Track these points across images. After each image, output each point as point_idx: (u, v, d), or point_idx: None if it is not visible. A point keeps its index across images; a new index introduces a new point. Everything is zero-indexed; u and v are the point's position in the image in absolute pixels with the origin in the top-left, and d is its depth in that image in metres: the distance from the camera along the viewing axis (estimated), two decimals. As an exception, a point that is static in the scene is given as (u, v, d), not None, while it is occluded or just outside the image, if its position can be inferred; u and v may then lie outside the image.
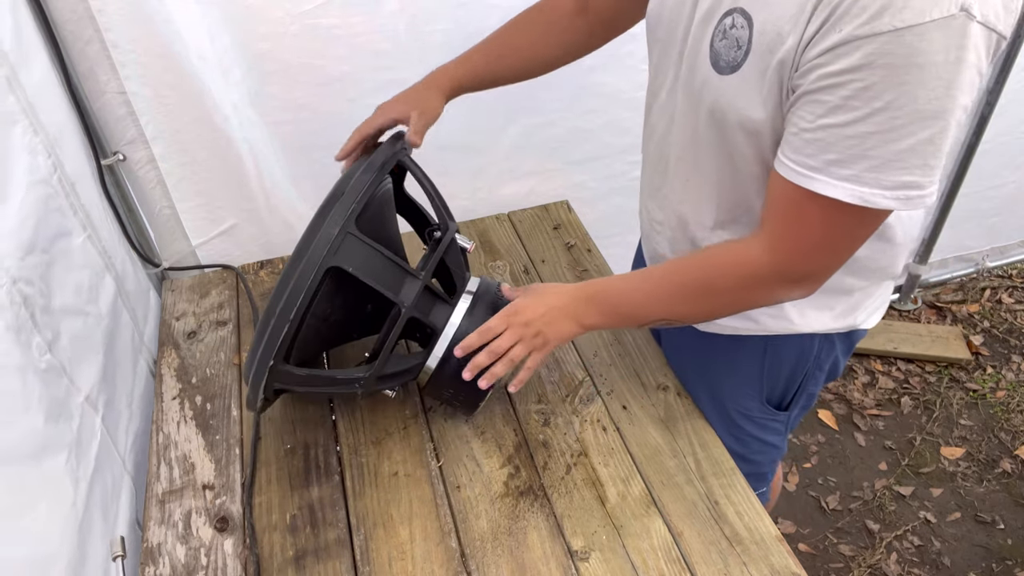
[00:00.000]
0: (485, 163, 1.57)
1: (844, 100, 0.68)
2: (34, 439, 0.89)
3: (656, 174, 1.02)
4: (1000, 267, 2.54)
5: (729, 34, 0.77)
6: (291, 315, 0.88)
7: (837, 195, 0.72)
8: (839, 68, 0.67)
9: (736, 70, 0.77)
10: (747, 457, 1.15)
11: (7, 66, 0.97)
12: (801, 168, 0.74)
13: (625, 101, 1.55)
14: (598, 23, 1.09)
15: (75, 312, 1.04)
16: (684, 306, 0.92)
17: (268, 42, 1.26)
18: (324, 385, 1.01)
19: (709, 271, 0.88)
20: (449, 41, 1.33)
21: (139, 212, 1.37)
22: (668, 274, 0.93)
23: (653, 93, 0.99)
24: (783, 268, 0.82)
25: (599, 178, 1.69)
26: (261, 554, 0.97)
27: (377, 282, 0.93)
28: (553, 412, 1.14)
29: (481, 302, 1.00)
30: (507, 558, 0.96)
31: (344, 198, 0.90)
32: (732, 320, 1.02)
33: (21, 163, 0.98)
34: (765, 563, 0.94)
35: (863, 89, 0.66)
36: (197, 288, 1.40)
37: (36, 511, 0.87)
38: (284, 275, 0.93)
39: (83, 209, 1.11)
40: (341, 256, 0.88)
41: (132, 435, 1.15)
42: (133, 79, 1.21)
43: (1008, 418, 2.14)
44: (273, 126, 1.36)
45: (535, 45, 1.11)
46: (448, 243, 1.02)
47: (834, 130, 0.70)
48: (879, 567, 1.81)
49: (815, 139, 0.71)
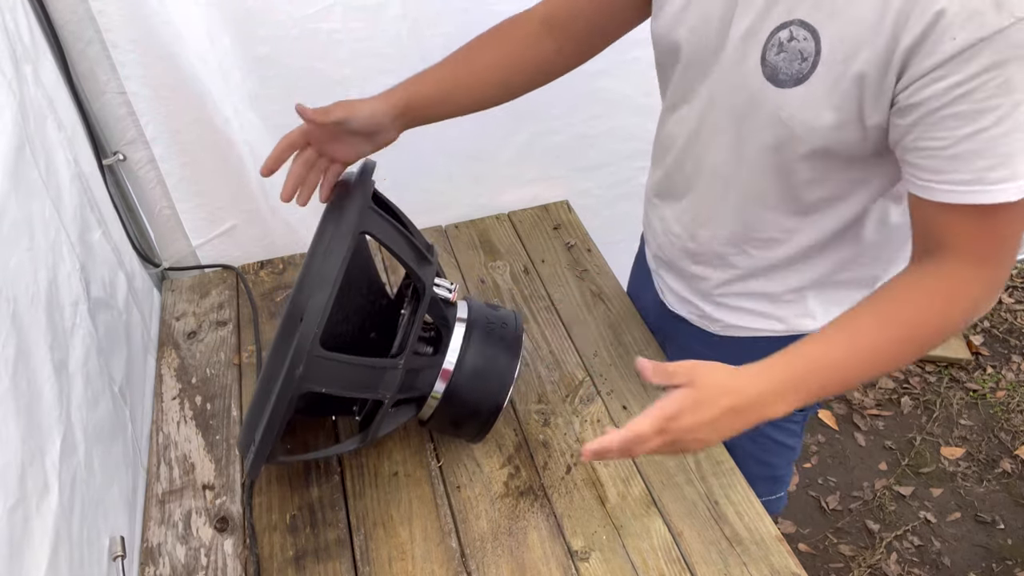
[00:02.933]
0: (488, 169, 1.56)
1: (983, 103, 0.66)
2: (109, 421, 0.96)
3: (676, 186, 1.00)
4: (1000, 267, 2.54)
5: (788, 47, 0.76)
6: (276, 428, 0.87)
7: (1008, 199, 0.69)
8: (969, 74, 0.65)
9: (802, 82, 0.76)
10: (765, 460, 1.15)
11: (31, 62, 0.98)
12: (955, 186, 0.71)
13: (630, 107, 1.54)
14: (569, 42, 1.01)
15: (105, 304, 1.07)
16: (911, 352, 0.80)
17: (269, 45, 1.26)
18: None
19: (939, 305, 0.77)
20: (451, 46, 1.33)
21: (139, 212, 1.37)
22: (886, 326, 0.77)
23: (671, 106, 0.96)
24: (996, 284, 0.78)
25: (604, 185, 1.68)
26: (261, 554, 0.97)
27: (353, 390, 0.90)
28: (553, 412, 1.14)
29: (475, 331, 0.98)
30: (507, 558, 0.96)
31: (304, 326, 0.83)
32: (756, 321, 1.02)
33: (59, 156, 1.01)
34: (765, 563, 0.94)
35: (1001, 85, 0.65)
36: (197, 288, 1.40)
37: (111, 492, 0.93)
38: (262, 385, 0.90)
39: (97, 206, 1.13)
40: (311, 380, 0.85)
41: (146, 432, 1.16)
42: (133, 79, 1.21)
43: (1008, 418, 2.14)
44: (274, 129, 1.35)
45: (495, 67, 1.00)
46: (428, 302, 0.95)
47: (982, 135, 0.67)
48: (879, 567, 1.81)
49: (962, 152, 0.69)
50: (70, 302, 0.91)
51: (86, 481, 0.84)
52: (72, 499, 0.79)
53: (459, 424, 1.02)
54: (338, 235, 0.84)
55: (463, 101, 1.00)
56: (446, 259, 1.45)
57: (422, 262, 0.95)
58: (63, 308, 0.88)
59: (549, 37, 1.00)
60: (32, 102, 0.95)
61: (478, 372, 0.97)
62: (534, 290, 1.37)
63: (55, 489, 0.75)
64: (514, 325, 1.03)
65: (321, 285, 0.82)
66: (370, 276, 1.05)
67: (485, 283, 1.39)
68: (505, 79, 1.01)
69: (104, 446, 0.93)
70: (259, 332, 1.29)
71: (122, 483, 0.98)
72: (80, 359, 0.90)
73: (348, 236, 0.84)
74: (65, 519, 0.76)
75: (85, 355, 0.92)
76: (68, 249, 0.94)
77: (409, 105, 0.94)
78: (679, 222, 1.02)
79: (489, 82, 1.00)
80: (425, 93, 0.96)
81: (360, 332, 1.01)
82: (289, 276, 1.43)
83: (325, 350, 0.83)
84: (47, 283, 0.85)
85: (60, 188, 0.97)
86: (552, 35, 1.00)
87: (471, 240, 1.50)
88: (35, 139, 0.92)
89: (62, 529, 0.75)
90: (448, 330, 0.97)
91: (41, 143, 0.94)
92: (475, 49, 1.00)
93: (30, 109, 0.93)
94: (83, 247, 1.01)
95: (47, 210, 0.90)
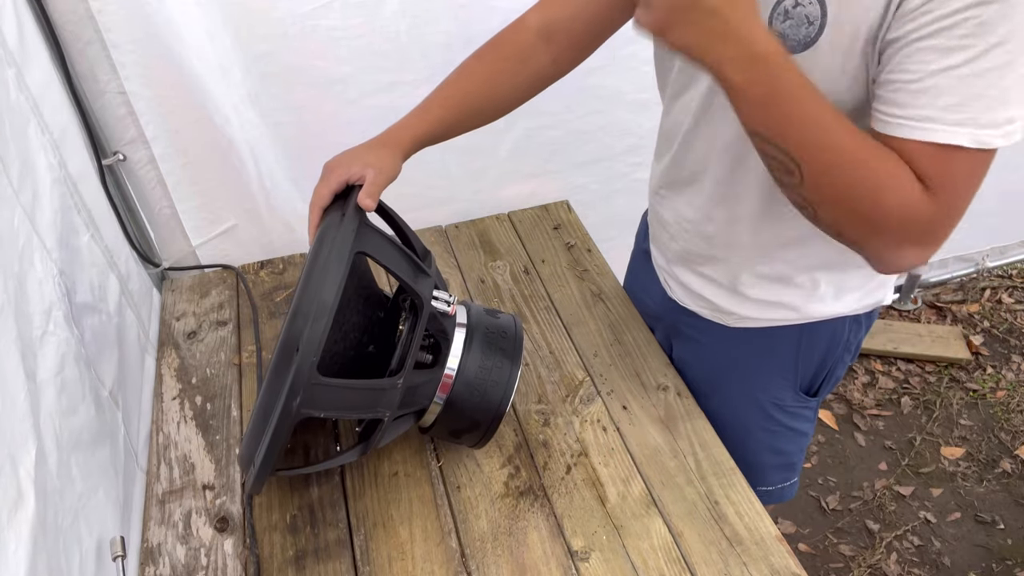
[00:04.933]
0: (486, 165, 1.57)
1: (959, 40, 0.67)
2: (91, 427, 0.94)
3: (687, 170, 1.00)
4: (1000, 267, 2.55)
5: (793, 13, 0.77)
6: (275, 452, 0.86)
7: (960, 141, 0.69)
8: (952, 8, 0.66)
9: (810, 46, 0.76)
10: (779, 448, 1.15)
11: (15, 65, 0.98)
12: (914, 121, 0.70)
13: (626, 103, 1.55)
14: (567, 48, 1.02)
15: (92, 308, 1.06)
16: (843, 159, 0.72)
17: (268, 43, 1.26)
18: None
19: (883, 167, 0.72)
20: (450, 43, 1.33)
21: (139, 212, 1.37)
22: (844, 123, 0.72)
23: (675, 95, 0.97)
24: (936, 215, 0.73)
25: (601, 180, 1.69)
26: (261, 554, 0.97)
27: (352, 412, 0.90)
28: (553, 412, 1.14)
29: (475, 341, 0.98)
30: (507, 558, 0.96)
31: (301, 357, 0.81)
32: (770, 311, 1.02)
33: (41, 160, 1.00)
34: (765, 563, 0.94)
35: (980, 25, 0.65)
36: (197, 288, 1.40)
37: (97, 497, 0.91)
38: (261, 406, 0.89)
39: (86, 208, 1.12)
40: (310, 406, 0.84)
41: (143, 433, 1.15)
42: (133, 79, 1.21)
43: (1008, 418, 2.14)
44: (273, 127, 1.36)
45: (497, 84, 1.02)
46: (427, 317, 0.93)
47: (951, 72, 0.68)
48: (879, 567, 1.81)
49: (929, 87, 0.69)
50: (41, 310, 0.89)
51: (60, 490, 0.83)
52: (45, 509, 0.78)
53: (459, 433, 1.02)
54: (333, 259, 0.83)
55: (470, 120, 1.03)
56: (446, 259, 1.45)
57: (419, 275, 0.93)
58: (31, 317, 0.86)
59: (545, 48, 1.01)
60: (12, 108, 0.94)
61: (478, 384, 0.96)
62: (534, 290, 1.37)
63: (31, 498, 0.74)
64: (513, 333, 1.02)
65: (317, 315, 0.81)
66: (367, 291, 1.04)
67: (485, 283, 1.39)
68: (504, 105, 1.04)
69: (85, 453, 0.91)
70: (259, 332, 1.29)
71: (110, 486, 0.97)
72: (53, 368, 0.88)
73: (343, 261, 0.83)
74: (42, 528, 0.75)
75: (60, 363, 0.90)
76: (42, 255, 0.93)
77: (422, 141, 0.99)
78: (691, 206, 1.02)
79: (488, 111, 1.03)
80: (433, 134, 0.99)
81: (358, 347, 1.01)
82: (289, 276, 1.43)
83: (323, 376, 0.82)
84: (13, 292, 0.83)
85: (37, 194, 0.96)
86: (549, 45, 1.00)
87: (471, 240, 1.50)
88: (9, 145, 0.90)
89: (39, 538, 0.73)
90: (447, 342, 0.96)
91: (17, 149, 0.93)
92: (476, 68, 1.02)
93: (6, 115, 0.92)
94: (65, 252, 1.00)
95: (16, 218, 0.88)
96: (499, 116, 1.05)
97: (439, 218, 1.55)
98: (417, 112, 1.00)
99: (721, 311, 1.07)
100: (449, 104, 1.00)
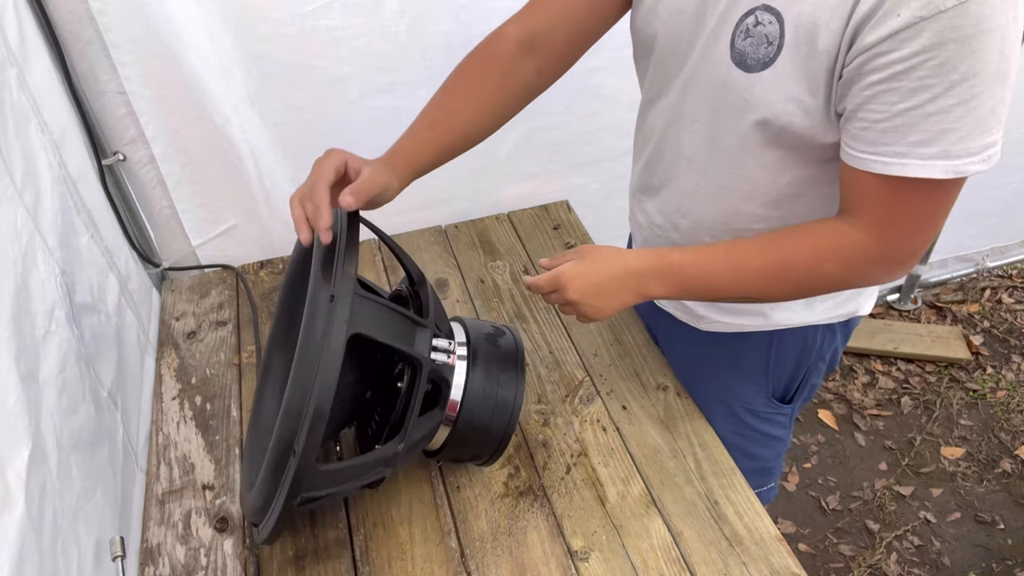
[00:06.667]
0: (486, 165, 1.57)
1: (920, 81, 0.68)
2: (90, 427, 0.95)
3: (656, 178, 1.01)
4: (1000, 267, 2.54)
5: (754, 32, 0.77)
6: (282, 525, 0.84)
7: (933, 174, 0.72)
8: (909, 52, 0.67)
9: (768, 66, 0.77)
10: (751, 452, 1.15)
11: (16, 66, 0.98)
12: (887, 158, 0.73)
13: (626, 103, 1.54)
14: (550, 59, 0.99)
15: (91, 308, 1.06)
16: (778, 288, 0.87)
17: (268, 43, 1.26)
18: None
19: (813, 253, 0.83)
20: (450, 43, 1.33)
21: (139, 212, 1.37)
22: (762, 254, 0.85)
23: (650, 100, 0.98)
24: (891, 252, 0.80)
25: (600, 180, 1.69)
26: (261, 554, 0.97)
27: (355, 482, 0.88)
28: (553, 412, 1.14)
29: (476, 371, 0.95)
30: (507, 558, 0.96)
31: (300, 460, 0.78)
32: (739, 317, 1.02)
33: (41, 160, 1.00)
34: (765, 563, 0.94)
35: (939, 66, 0.67)
36: (197, 288, 1.40)
37: (95, 497, 0.92)
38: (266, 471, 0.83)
39: (85, 208, 1.12)
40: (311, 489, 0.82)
41: (143, 433, 1.15)
42: (133, 79, 1.21)
43: (1008, 418, 2.14)
44: (273, 127, 1.36)
45: (481, 101, 0.99)
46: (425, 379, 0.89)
47: (914, 112, 0.70)
48: (879, 567, 1.81)
49: (897, 126, 0.71)
50: (43, 310, 0.89)
51: (59, 491, 0.82)
52: (42, 509, 0.78)
53: (462, 460, 1.02)
54: (323, 365, 0.77)
55: (458, 142, 0.99)
56: (446, 259, 1.45)
57: (416, 331, 0.88)
58: (34, 316, 0.86)
59: (528, 59, 0.98)
60: (14, 107, 0.94)
61: (480, 418, 0.94)
62: (534, 290, 1.37)
63: (20, 501, 0.73)
64: (515, 357, 0.98)
65: (314, 424, 0.76)
66: (361, 353, 0.91)
67: (485, 283, 1.39)
68: (492, 122, 1.01)
69: (84, 453, 0.91)
70: (259, 332, 1.29)
71: (108, 487, 0.96)
72: (55, 367, 0.88)
73: (337, 353, 0.77)
74: (33, 530, 0.74)
75: (61, 363, 0.90)
76: (44, 255, 0.93)
77: (417, 166, 0.96)
78: (661, 213, 1.03)
79: (476, 132, 1.00)
80: (427, 160, 0.97)
81: (354, 400, 0.96)
82: (289, 276, 1.42)
83: (321, 463, 0.81)
84: (14, 292, 0.82)
85: (39, 193, 0.96)
86: (532, 56, 0.98)
87: (471, 240, 1.50)
88: (12, 145, 0.91)
89: (28, 540, 0.73)
90: (448, 385, 0.93)
91: (20, 149, 0.93)
92: (457, 87, 0.99)
93: (10, 115, 0.92)
94: (66, 252, 1.00)
95: (20, 218, 0.88)
96: (488, 132, 1.01)
97: (439, 218, 1.55)
98: (404, 137, 0.97)
99: (693, 314, 1.08)
100: (436, 125, 0.97)
